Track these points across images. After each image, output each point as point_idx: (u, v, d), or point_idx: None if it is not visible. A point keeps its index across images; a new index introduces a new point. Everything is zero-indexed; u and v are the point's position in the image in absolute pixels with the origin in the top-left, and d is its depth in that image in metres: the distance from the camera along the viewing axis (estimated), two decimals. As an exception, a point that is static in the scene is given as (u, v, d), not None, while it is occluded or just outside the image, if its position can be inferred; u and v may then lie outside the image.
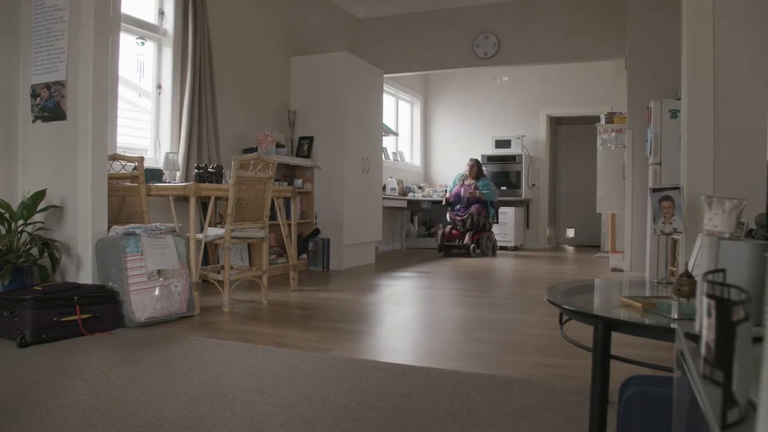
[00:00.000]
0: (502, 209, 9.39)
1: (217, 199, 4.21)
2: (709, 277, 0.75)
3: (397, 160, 9.72)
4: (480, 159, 9.64)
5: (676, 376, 1.06)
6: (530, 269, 6.83)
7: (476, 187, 8.40)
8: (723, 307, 0.69)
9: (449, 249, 8.40)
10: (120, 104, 4.57)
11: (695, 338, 0.93)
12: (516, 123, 9.94)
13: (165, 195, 4.23)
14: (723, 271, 0.81)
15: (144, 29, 4.95)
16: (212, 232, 4.06)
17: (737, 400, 0.65)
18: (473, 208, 8.27)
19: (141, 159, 4.05)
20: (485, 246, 8.31)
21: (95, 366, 2.60)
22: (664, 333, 1.49)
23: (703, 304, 0.76)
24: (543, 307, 4.04)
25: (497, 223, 8.84)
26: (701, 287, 0.79)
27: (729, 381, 0.66)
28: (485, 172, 8.87)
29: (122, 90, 4.69)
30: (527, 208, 9.88)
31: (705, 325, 0.75)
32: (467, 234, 8.21)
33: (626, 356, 1.94)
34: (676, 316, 1.53)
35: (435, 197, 9.75)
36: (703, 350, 0.76)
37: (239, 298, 4.36)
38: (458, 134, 10.40)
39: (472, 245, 8.15)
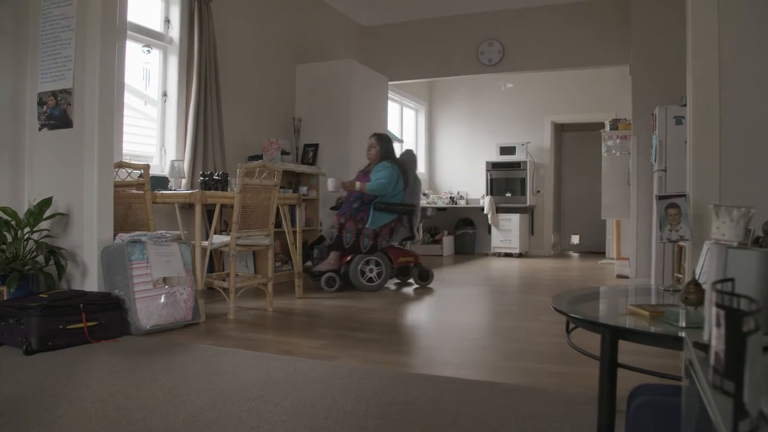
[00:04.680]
0: (506, 216, 9.33)
1: (222, 206, 4.22)
2: (719, 286, 0.75)
3: (402, 167, 9.71)
4: (485, 165, 9.63)
5: (684, 386, 1.06)
6: (535, 276, 6.81)
7: (365, 175, 5.45)
8: (733, 318, 0.68)
9: (314, 276, 5.35)
10: (126, 112, 4.59)
11: (704, 347, 0.93)
12: (520, 130, 9.93)
13: (170, 202, 4.24)
14: (732, 280, 0.80)
15: (150, 37, 4.98)
16: (217, 239, 4.06)
17: (748, 411, 0.65)
18: (342, 211, 5.33)
19: (147, 166, 4.06)
20: (358, 276, 5.22)
21: (101, 374, 2.60)
22: (672, 342, 1.48)
23: (711, 313, 0.75)
24: (549, 314, 4.03)
25: (411, 239, 5.65)
26: (710, 296, 0.79)
27: (740, 391, 0.66)
28: (402, 154, 5.84)
29: (128, 98, 4.72)
30: (532, 215, 9.86)
31: (714, 335, 0.74)
32: (332, 255, 5.28)
33: (631, 363, 1.93)
34: (684, 325, 1.52)
35: (440, 204, 9.76)
36: (712, 360, 0.75)
37: (244, 306, 4.36)
38: (463, 141, 10.40)
39: (328, 274, 5.22)
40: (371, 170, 5.41)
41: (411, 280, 5.77)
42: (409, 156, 5.77)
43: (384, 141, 5.51)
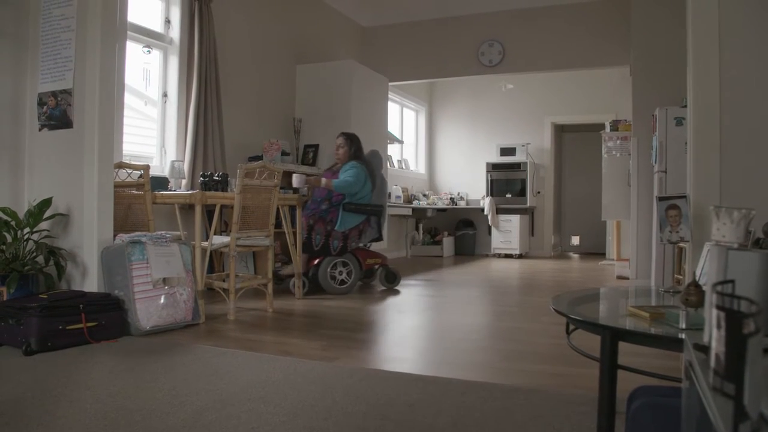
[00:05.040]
0: (506, 217, 9.33)
1: (222, 207, 4.22)
2: (719, 288, 0.75)
3: (402, 168, 9.73)
4: (486, 166, 9.64)
5: (684, 387, 1.06)
6: (535, 277, 6.81)
7: (333, 174, 5.32)
8: (733, 320, 0.68)
9: (280, 280, 5.20)
10: (126, 112, 4.59)
11: (704, 349, 0.93)
12: (521, 131, 9.94)
13: (170, 203, 4.23)
14: (732, 282, 0.80)
15: (150, 38, 4.98)
16: (217, 240, 4.06)
17: (749, 413, 0.65)
18: (310, 212, 5.12)
19: (147, 167, 4.06)
20: (328, 278, 5.06)
21: (100, 374, 2.60)
22: (673, 343, 1.48)
23: (712, 315, 0.75)
24: (549, 316, 4.03)
25: (379, 240, 5.54)
26: (710, 298, 0.79)
27: (740, 393, 0.66)
28: (367, 154, 5.52)
29: (128, 98, 4.72)
30: (532, 216, 9.87)
31: (714, 337, 0.74)
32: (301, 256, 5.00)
33: (631, 365, 1.93)
34: (684, 326, 1.52)
35: (440, 205, 9.76)
36: (712, 362, 0.75)
37: (244, 306, 4.36)
38: (463, 142, 10.41)
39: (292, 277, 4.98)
40: (339, 170, 5.29)
41: (376, 282, 5.67)
42: (375, 156, 5.64)
43: (353, 141, 5.38)
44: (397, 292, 5.34)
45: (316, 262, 5.10)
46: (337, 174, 5.25)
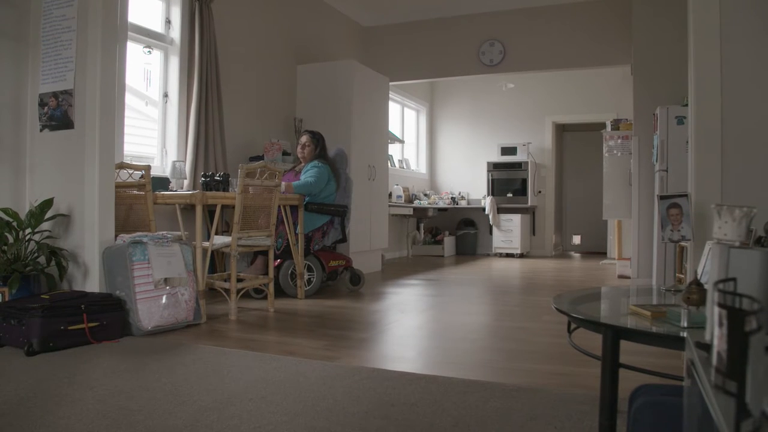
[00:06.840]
0: (507, 216, 9.33)
1: (223, 207, 4.22)
2: (720, 286, 0.75)
3: (403, 168, 9.73)
4: (487, 165, 9.64)
5: (686, 386, 1.06)
6: (537, 276, 6.81)
7: (296, 175, 5.25)
8: (735, 317, 0.68)
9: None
10: (127, 113, 4.59)
11: (706, 347, 0.92)
12: (522, 130, 9.94)
13: (172, 203, 4.24)
14: (734, 280, 0.80)
15: (151, 38, 4.98)
16: (219, 240, 4.06)
17: (751, 411, 0.65)
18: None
19: (148, 167, 4.06)
20: (288, 281, 4.89)
21: (102, 374, 2.60)
22: (674, 342, 1.48)
23: (714, 313, 0.75)
24: (550, 315, 4.03)
25: (343, 241, 5.39)
26: (712, 296, 0.79)
27: (742, 391, 0.66)
28: (333, 152, 5.43)
29: (129, 99, 4.72)
30: (533, 215, 9.87)
31: (716, 335, 0.74)
32: (259, 259, 4.92)
33: (632, 364, 1.93)
34: (685, 325, 1.52)
35: (441, 204, 9.76)
36: (714, 360, 0.75)
37: (246, 306, 4.36)
38: (464, 142, 10.41)
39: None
40: (302, 170, 5.15)
41: (341, 284, 5.46)
42: (341, 155, 5.45)
43: (318, 140, 5.22)
44: (398, 293, 5.34)
45: (276, 264, 4.84)
46: (299, 175, 5.12)
